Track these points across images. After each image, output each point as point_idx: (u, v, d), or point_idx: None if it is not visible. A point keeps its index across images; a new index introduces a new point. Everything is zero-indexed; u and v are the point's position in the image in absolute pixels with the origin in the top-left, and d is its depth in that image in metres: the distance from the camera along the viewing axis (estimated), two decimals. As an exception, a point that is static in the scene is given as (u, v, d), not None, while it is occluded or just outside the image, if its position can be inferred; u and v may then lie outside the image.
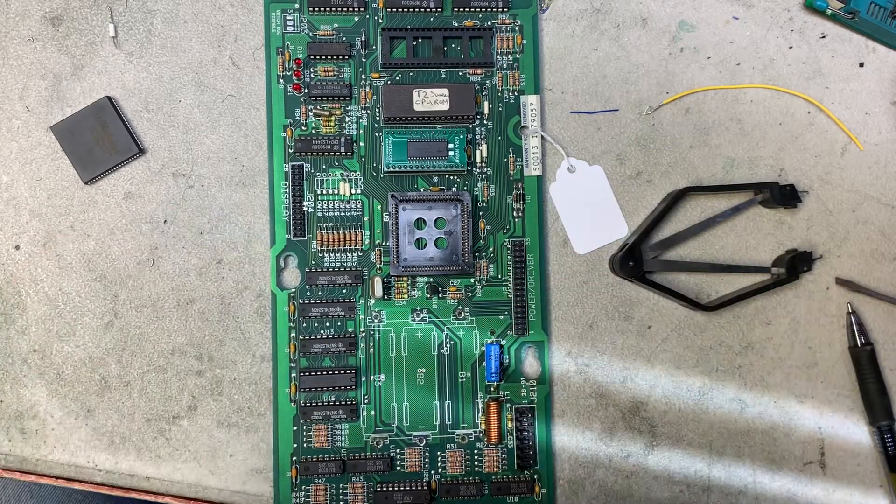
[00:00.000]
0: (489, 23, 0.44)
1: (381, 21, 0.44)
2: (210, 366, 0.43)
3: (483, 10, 0.44)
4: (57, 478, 0.43)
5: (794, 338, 0.45)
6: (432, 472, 0.43)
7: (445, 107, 0.43)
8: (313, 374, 0.42)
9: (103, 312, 0.43)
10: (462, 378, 0.43)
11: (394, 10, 0.44)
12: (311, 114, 0.43)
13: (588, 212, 0.45)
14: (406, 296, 0.43)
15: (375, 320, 0.43)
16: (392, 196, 0.43)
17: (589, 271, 0.44)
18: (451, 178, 0.44)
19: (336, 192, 0.43)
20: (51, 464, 0.43)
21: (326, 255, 0.43)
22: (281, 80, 0.43)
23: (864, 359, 0.44)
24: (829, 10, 0.45)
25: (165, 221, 0.43)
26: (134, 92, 0.43)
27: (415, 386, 0.43)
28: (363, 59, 0.44)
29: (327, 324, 0.43)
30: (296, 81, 0.43)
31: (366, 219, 0.43)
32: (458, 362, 0.43)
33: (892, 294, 0.45)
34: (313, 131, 0.43)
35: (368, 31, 0.44)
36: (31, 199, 0.43)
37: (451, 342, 0.43)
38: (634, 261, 0.43)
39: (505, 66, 0.44)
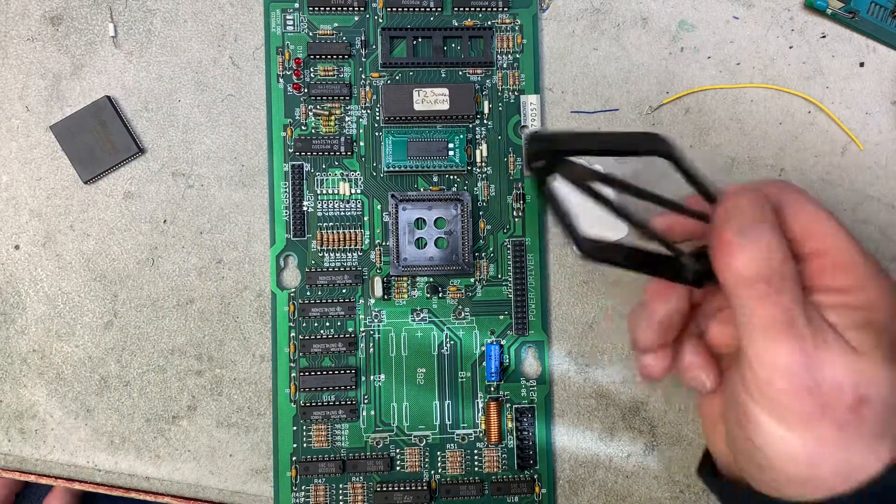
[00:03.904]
0: (489, 22, 0.44)
1: (381, 21, 0.44)
2: (210, 366, 0.43)
3: (483, 9, 0.44)
4: (57, 478, 0.43)
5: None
6: (432, 472, 0.43)
7: (445, 106, 0.43)
8: (313, 374, 0.42)
9: (103, 312, 0.43)
10: (462, 378, 0.43)
11: (394, 9, 0.44)
12: (310, 113, 0.43)
13: (588, 212, 0.44)
14: (406, 296, 0.43)
15: (375, 320, 0.43)
16: (392, 196, 0.43)
17: (589, 271, 0.44)
18: (451, 177, 0.44)
19: (336, 191, 0.43)
20: (50, 464, 0.43)
21: (326, 254, 0.43)
22: (281, 80, 0.43)
23: None
24: (830, 9, 0.45)
25: (165, 221, 0.43)
26: (134, 92, 0.43)
27: (415, 386, 0.43)
28: (363, 59, 0.44)
29: (327, 324, 0.43)
30: (296, 81, 0.43)
31: (366, 219, 0.43)
32: (458, 362, 0.43)
33: (893, 294, 0.45)
34: (313, 131, 0.43)
35: (368, 31, 0.44)
36: (31, 198, 0.43)
37: (451, 342, 0.43)
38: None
39: (505, 65, 0.44)
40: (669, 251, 0.35)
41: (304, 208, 0.43)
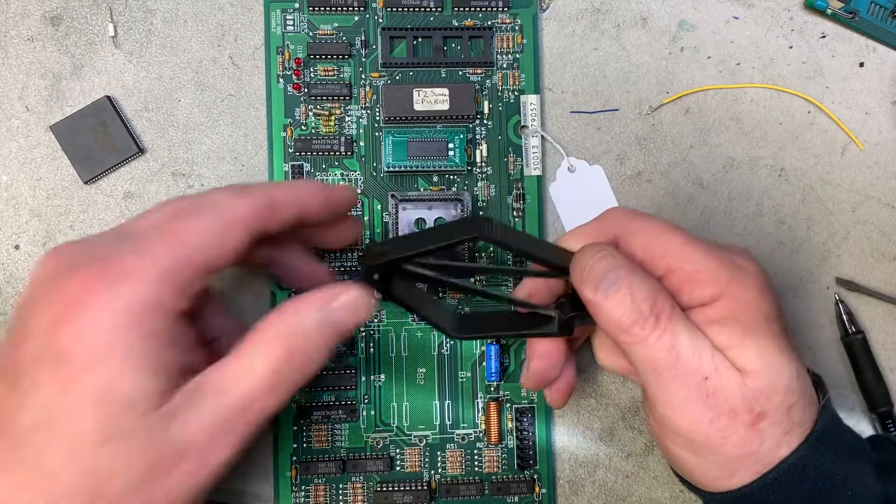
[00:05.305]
0: (489, 22, 0.44)
1: (381, 21, 0.44)
2: (210, 366, 0.43)
3: (483, 9, 0.44)
4: (57, 478, 0.42)
5: (794, 337, 0.45)
6: (432, 472, 0.43)
7: (445, 106, 0.43)
8: (313, 373, 0.42)
9: (103, 312, 0.43)
10: (462, 378, 0.43)
11: (394, 9, 0.44)
12: (310, 113, 0.43)
13: (588, 212, 0.44)
14: (406, 296, 0.43)
15: (375, 320, 0.43)
16: (392, 196, 0.43)
17: (589, 271, 0.44)
18: (451, 177, 0.44)
19: (336, 191, 0.43)
20: (50, 464, 0.42)
21: (326, 255, 0.43)
22: (281, 80, 0.43)
23: (858, 347, 0.44)
24: (830, 9, 0.45)
25: (165, 221, 0.43)
26: (134, 92, 0.43)
27: (415, 386, 0.43)
28: (363, 59, 0.44)
29: (327, 324, 0.43)
30: (296, 81, 0.43)
31: (366, 219, 0.43)
32: (458, 362, 0.43)
33: (893, 294, 0.45)
34: (313, 131, 0.43)
35: (368, 31, 0.44)
36: (31, 198, 0.43)
37: (451, 342, 0.43)
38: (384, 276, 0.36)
39: (505, 65, 0.44)
40: (536, 310, 0.37)
41: (304, 208, 0.43)
